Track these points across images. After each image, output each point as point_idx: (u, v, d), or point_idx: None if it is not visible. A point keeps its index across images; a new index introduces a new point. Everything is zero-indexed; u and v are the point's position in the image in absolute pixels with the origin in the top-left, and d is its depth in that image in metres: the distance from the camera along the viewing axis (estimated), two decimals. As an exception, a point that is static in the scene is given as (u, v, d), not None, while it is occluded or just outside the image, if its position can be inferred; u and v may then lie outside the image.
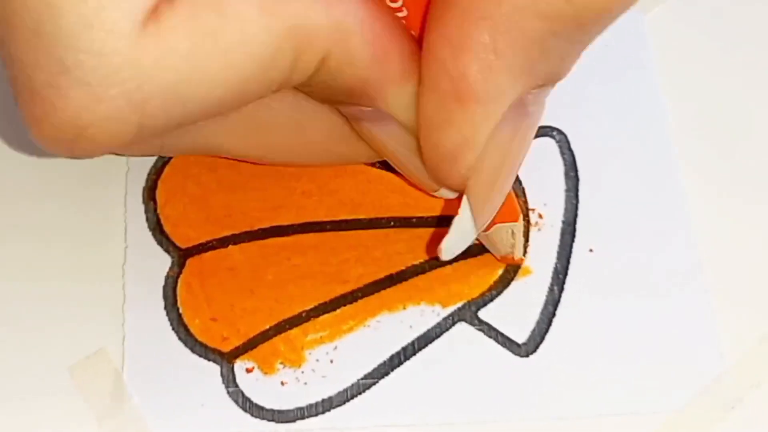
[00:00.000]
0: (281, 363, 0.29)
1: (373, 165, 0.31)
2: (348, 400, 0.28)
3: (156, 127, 0.22)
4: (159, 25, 0.21)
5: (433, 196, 0.28)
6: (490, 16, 0.22)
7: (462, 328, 0.29)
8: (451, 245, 0.27)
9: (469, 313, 0.29)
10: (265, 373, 0.28)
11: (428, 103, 0.24)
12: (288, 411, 0.28)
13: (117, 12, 0.21)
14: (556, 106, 0.32)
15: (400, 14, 0.25)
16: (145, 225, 0.30)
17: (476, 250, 0.30)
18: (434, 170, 0.25)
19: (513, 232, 0.29)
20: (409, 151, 0.26)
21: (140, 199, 0.31)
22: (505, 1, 0.22)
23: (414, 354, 0.29)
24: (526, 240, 0.30)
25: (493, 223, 0.28)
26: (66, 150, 0.23)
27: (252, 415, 0.28)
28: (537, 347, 0.29)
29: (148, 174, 0.31)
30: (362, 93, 0.24)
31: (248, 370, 0.28)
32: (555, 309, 0.30)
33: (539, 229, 0.31)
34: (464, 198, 0.26)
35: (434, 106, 0.24)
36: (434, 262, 0.30)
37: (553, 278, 0.30)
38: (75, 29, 0.21)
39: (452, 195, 0.27)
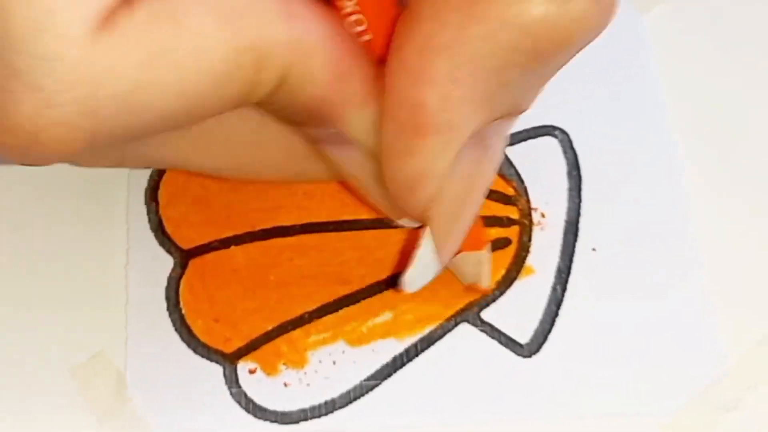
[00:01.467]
0: (284, 364, 0.29)
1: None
2: (351, 402, 0.28)
3: (110, 136, 0.22)
4: (113, 32, 0.21)
5: (397, 225, 0.27)
6: (450, 47, 0.22)
7: (465, 329, 0.29)
8: (414, 277, 0.26)
9: (471, 314, 0.29)
10: (268, 375, 0.28)
11: (388, 131, 0.24)
12: (291, 412, 0.28)
13: (68, 16, 0.20)
14: (557, 106, 0.32)
15: (365, 37, 0.24)
16: (147, 226, 0.30)
17: (479, 250, 0.30)
18: (395, 199, 0.25)
19: (479, 261, 0.29)
20: (370, 177, 0.26)
21: (142, 200, 0.31)
22: (465, 31, 0.22)
23: (417, 355, 0.29)
24: (519, 260, 0.30)
25: (458, 250, 0.28)
26: (18, 155, 0.22)
27: (255, 416, 0.28)
28: (539, 348, 0.29)
29: (150, 175, 0.31)
30: (322, 113, 0.24)
31: (251, 371, 0.28)
32: (558, 309, 0.30)
33: (542, 229, 0.31)
34: (425, 229, 0.25)
35: (393, 135, 0.24)
36: (437, 263, 0.30)
37: (556, 278, 0.30)
38: (25, 33, 0.20)
39: (414, 225, 0.27)
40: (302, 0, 0.23)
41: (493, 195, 0.31)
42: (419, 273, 0.26)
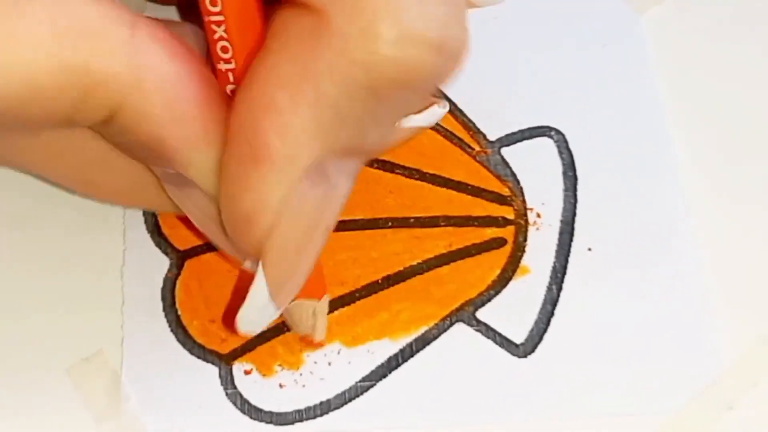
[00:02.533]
0: (279, 365, 0.29)
1: (370, 165, 0.31)
2: (346, 403, 0.28)
3: None
4: None
5: (243, 270, 0.26)
6: (291, 79, 0.22)
7: (460, 329, 0.29)
8: (248, 317, 0.25)
9: (467, 314, 0.29)
10: (264, 375, 0.28)
11: (228, 167, 0.24)
12: (286, 413, 0.28)
13: None
14: (553, 107, 0.32)
15: (228, 66, 0.24)
16: (144, 227, 0.30)
17: (474, 250, 0.30)
18: (231, 234, 0.25)
19: (315, 312, 0.28)
20: (210, 219, 0.25)
21: (138, 200, 0.31)
22: (307, 65, 0.22)
23: (412, 356, 0.29)
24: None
25: (297, 296, 0.27)
26: None
27: (250, 417, 0.28)
28: (535, 347, 0.29)
29: (146, 176, 0.31)
30: (160, 153, 0.24)
31: (246, 372, 0.28)
32: (553, 308, 0.29)
33: (537, 229, 0.31)
34: (259, 266, 0.24)
35: (233, 170, 0.23)
36: (432, 263, 0.30)
37: (551, 277, 0.30)
38: None
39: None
40: (160, 34, 0.23)
41: (488, 195, 0.31)
42: (252, 314, 0.25)
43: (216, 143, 0.24)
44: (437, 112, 0.26)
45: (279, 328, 0.29)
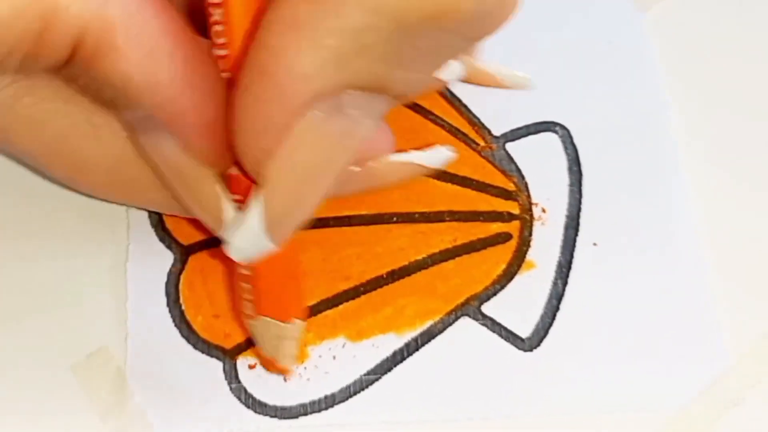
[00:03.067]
0: (284, 359, 0.28)
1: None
2: (350, 397, 0.28)
3: None
4: None
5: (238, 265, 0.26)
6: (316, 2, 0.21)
7: (465, 323, 0.29)
8: (239, 242, 0.24)
9: (472, 308, 0.29)
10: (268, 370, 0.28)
11: (243, 76, 0.23)
12: (291, 407, 0.28)
13: None
14: (558, 102, 0.32)
15: (221, 51, 0.24)
16: (148, 222, 0.30)
17: (479, 245, 0.30)
18: (237, 149, 0.23)
19: (281, 335, 0.27)
20: (179, 169, 0.24)
21: (142, 196, 0.31)
22: None
23: (417, 350, 0.29)
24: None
25: (262, 312, 0.27)
26: None
27: (255, 411, 0.28)
28: (540, 342, 0.29)
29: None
30: (126, 92, 0.23)
31: (251, 367, 0.28)
32: (559, 303, 0.29)
33: (542, 224, 0.31)
34: (257, 191, 0.24)
35: (247, 79, 0.22)
36: (437, 258, 0.30)
37: (556, 272, 0.30)
38: None
39: (245, 259, 0.25)
40: None
41: (494, 190, 0.31)
42: (246, 240, 0.24)
43: (193, 81, 0.23)
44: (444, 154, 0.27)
45: (283, 323, 0.29)
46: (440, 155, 0.28)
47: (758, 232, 0.31)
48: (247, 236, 0.24)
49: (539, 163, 0.32)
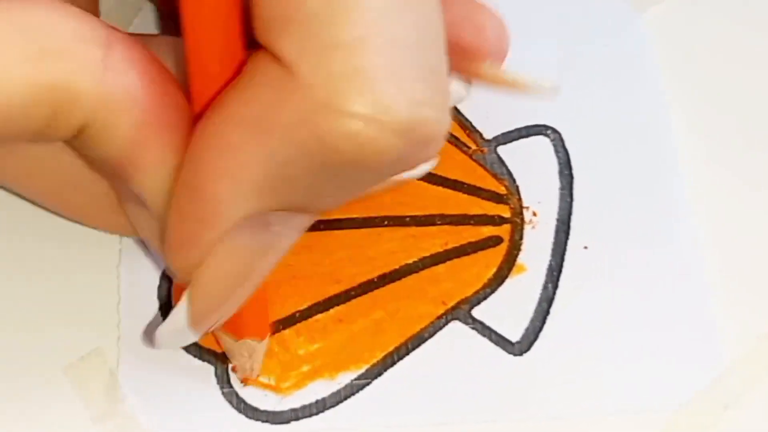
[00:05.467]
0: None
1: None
2: (341, 401, 0.28)
3: None
4: None
5: None
6: (248, 124, 0.22)
7: (456, 327, 0.29)
8: (165, 334, 0.26)
9: (462, 312, 0.29)
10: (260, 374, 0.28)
11: (175, 192, 0.24)
12: (282, 412, 0.28)
13: None
14: (550, 105, 0.32)
15: None
16: (139, 226, 0.30)
17: (470, 249, 0.30)
18: (166, 258, 0.25)
19: (251, 353, 0.28)
20: (158, 240, 0.25)
21: (134, 199, 0.31)
22: (266, 115, 0.21)
23: (407, 354, 0.29)
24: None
25: (241, 335, 0.27)
26: None
27: (246, 416, 0.28)
28: (531, 346, 0.29)
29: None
30: (120, 172, 0.24)
31: (242, 371, 0.29)
32: (549, 307, 0.29)
33: (533, 227, 0.31)
34: (185, 292, 0.25)
35: (178, 194, 0.23)
36: (428, 261, 0.30)
37: (547, 276, 0.30)
38: None
39: None
40: (134, 55, 0.23)
41: (485, 194, 0.31)
42: (172, 335, 0.26)
43: (172, 171, 0.24)
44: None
45: (274, 327, 0.29)
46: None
47: (755, 233, 0.31)
48: (174, 331, 0.26)
49: (530, 167, 0.32)
